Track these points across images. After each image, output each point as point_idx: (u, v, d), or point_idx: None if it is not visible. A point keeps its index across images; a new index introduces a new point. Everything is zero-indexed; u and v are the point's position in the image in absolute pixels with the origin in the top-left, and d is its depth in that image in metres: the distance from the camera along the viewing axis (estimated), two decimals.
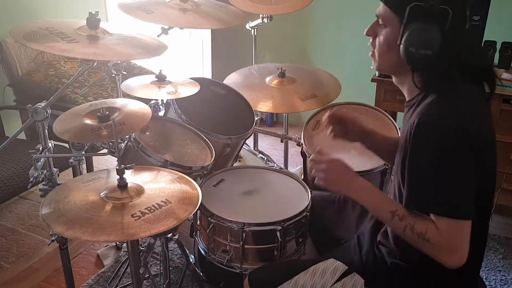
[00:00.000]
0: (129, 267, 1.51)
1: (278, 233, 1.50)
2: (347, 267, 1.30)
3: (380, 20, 1.19)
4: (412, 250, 1.14)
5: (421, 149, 1.09)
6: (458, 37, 1.11)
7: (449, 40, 1.09)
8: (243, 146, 2.18)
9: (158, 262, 2.14)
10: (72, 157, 1.72)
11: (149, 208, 1.20)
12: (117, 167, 1.27)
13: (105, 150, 1.65)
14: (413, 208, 1.12)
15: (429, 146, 1.08)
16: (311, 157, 1.29)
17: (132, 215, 1.17)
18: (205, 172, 1.72)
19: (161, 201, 1.24)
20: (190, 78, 1.93)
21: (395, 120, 2.11)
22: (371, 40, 1.24)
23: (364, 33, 1.23)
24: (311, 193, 1.63)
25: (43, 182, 1.61)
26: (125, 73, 1.96)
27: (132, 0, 1.88)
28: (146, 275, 1.85)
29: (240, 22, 2.07)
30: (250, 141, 2.38)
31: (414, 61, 1.12)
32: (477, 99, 1.19)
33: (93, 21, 1.51)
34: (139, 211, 1.19)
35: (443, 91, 1.13)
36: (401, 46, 1.12)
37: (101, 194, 1.25)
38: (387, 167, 1.89)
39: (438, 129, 1.07)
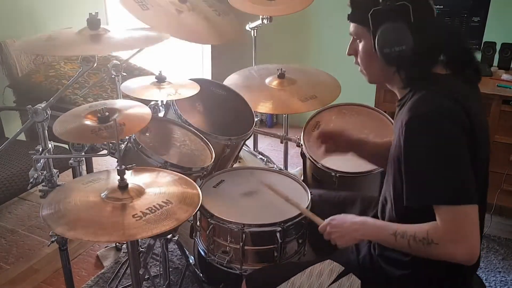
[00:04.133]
0: (128, 268, 1.51)
1: (278, 234, 1.49)
2: (343, 268, 1.30)
3: (354, 37, 1.26)
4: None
5: (415, 144, 1.10)
6: (427, 28, 1.13)
7: (419, 32, 1.12)
8: (243, 147, 2.18)
9: (158, 263, 2.14)
10: (72, 158, 1.71)
11: (150, 209, 1.20)
12: (118, 168, 1.27)
13: (105, 151, 1.65)
14: (414, 204, 1.11)
15: (422, 140, 1.09)
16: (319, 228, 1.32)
17: (133, 216, 1.17)
18: (205, 173, 1.72)
19: (162, 202, 1.24)
20: (190, 79, 1.93)
21: None
22: (355, 59, 1.28)
23: (346, 53, 1.28)
24: (311, 194, 1.63)
25: (43, 183, 1.61)
26: (125, 74, 1.95)
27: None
28: (146, 276, 1.85)
29: (236, 35, 2.05)
30: (250, 142, 2.37)
31: (393, 60, 1.15)
32: (465, 91, 1.18)
33: (93, 22, 1.51)
34: (141, 211, 1.19)
35: (430, 87, 1.14)
36: (377, 51, 1.16)
37: (102, 195, 1.25)
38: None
39: (429, 120, 1.08)
